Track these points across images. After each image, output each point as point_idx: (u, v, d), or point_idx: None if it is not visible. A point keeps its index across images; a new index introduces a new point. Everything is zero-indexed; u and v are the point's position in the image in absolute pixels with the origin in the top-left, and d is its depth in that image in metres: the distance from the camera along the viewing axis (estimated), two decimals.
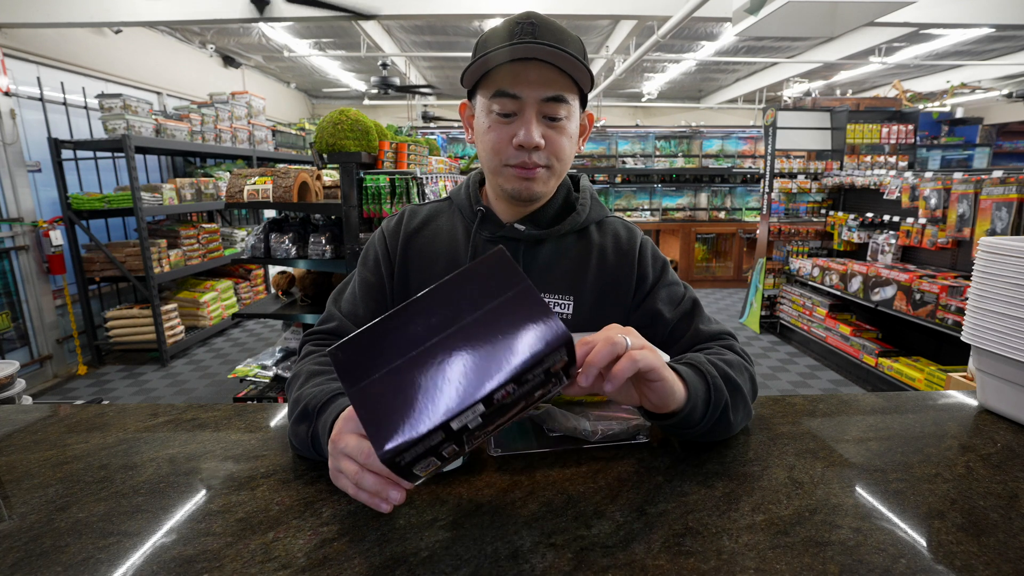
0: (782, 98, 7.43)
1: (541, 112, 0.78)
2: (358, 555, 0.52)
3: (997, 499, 0.60)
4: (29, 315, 3.92)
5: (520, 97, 0.77)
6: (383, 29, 6.23)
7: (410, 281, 0.90)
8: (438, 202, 0.98)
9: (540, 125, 0.78)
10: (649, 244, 0.94)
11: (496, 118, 0.79)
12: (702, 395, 0.66)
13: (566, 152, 0.81)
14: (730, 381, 0.70)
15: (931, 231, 3.37)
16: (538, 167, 0.80)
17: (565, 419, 0.72)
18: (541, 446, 0.71)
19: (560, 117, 0.78)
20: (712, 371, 0.69)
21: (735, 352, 0.79)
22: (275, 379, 2.92)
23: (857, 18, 3.34)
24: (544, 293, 0.88)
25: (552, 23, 0.78)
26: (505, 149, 0.80)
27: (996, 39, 6.36)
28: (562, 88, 0.77)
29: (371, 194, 2.51)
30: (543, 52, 0.74)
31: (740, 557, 0.51)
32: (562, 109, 0.78)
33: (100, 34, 4.76)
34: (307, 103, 10.26)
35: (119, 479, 0.66)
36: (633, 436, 0.72)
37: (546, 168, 0.81)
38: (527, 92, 0.76)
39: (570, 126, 0.81)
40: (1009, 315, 0.76)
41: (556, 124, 0.79)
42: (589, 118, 0.89)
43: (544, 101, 0.77)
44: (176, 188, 4.36)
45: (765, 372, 3.95)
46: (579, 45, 0.80)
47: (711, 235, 7.14)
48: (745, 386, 0.73)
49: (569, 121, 0.80)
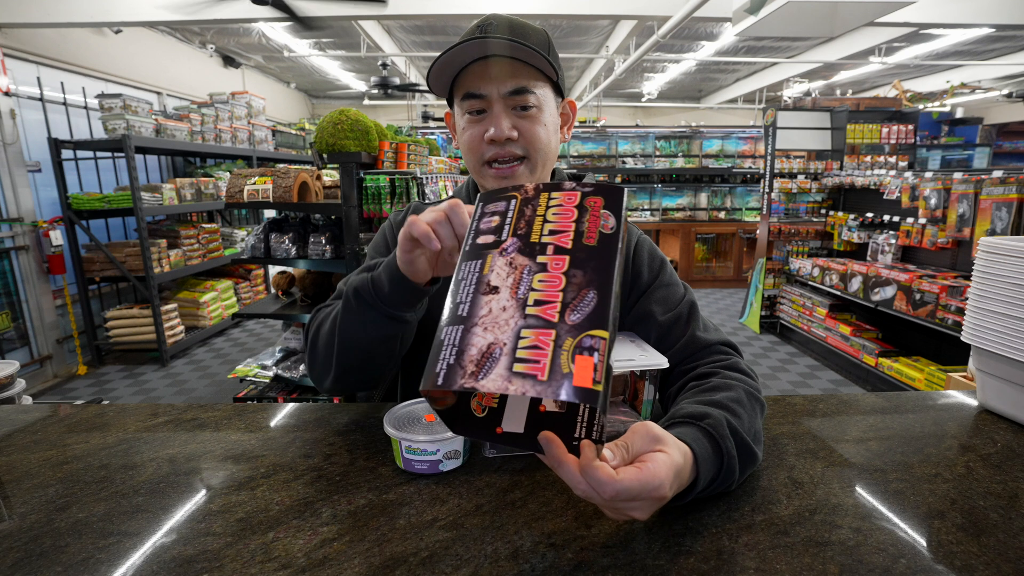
0: (782, 98, 7.42)
1: (509, 105, 0.80)
2: (358, 555, 0.51)
3: (997, 499, 0.60)
4: (29, 315, 3.92)
5: (485, 95, 0.79)
6: (383, 29, 6.23)
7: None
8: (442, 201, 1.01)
9: (510, 117, 0.80)
10: (646, 243, 0.94)
11: (469, 118, 0.82)
12: (710, 475, 0.57)
13: (541, 140, 0.82)
14: (745, 448, 0.60)
15: (931, 231, 3.37)
16: (515, 161, 0.82)
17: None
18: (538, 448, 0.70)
19: (530, 106, 0.80)
20: (730, 447, 0.58)
21: (741, 371, 0.73)
22: (275, 379, 2.92)
23: (857, 18, 3.34)
24: None
25: (513, 20, 0.80)
26: (479, 146, 0.81)
27: (996, 39, 6.36)
28: (525, 79, 0.79)
29: (371, 194, 2.51)
30: (498, 47, 0.76)
31: (740, 557, 0.51)
32: (530, 98, 0.80)
33: (100, 34, 4.76)
34: (307, 103, 10.26)
35: (119, 479, 0.66)
36: None
37: (523, 160, 0.82)
38: (490, 88, 0.79)
39: (543, 115, 0.82)
40: (1009, 315, 0.76)
41: (527, 113, 0.80)
42: (571, 106, 0.90)
43: (509, 95, 0.79)
44: (176, 188, 4.36)
45: (765, 372, 3.95)
46: (541, 37, 0.81)
47: (711, 235, 7.14)
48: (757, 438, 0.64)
49: (541, 111, 0.81)
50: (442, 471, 0.65)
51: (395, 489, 0.62)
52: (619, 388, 0.78)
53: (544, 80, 0.82)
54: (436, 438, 0.63)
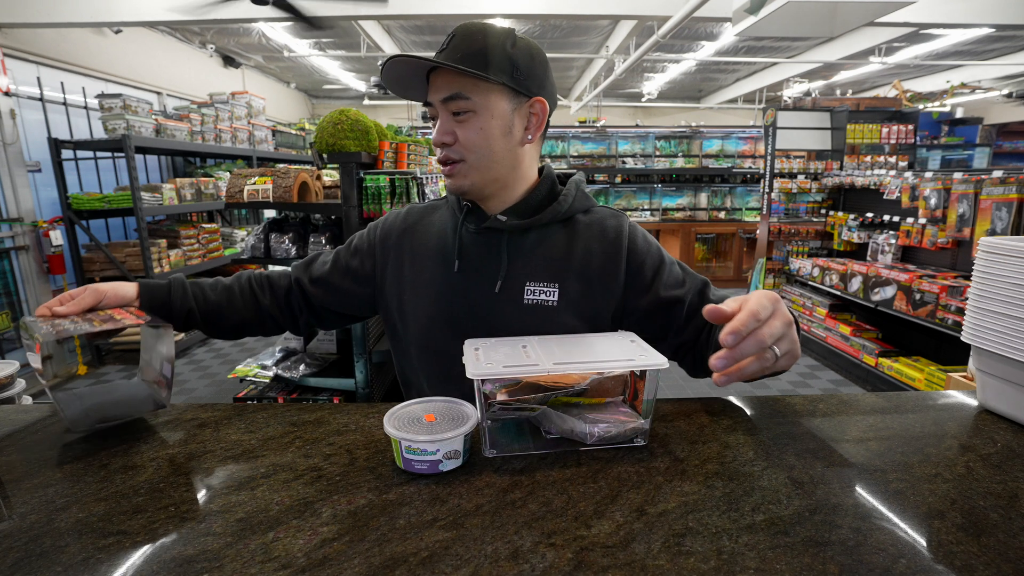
0: (782, 98, 7.42)
1: (449, 110, 0.85)
2: (358, 555, 0.51)
3: (997, 499, 0.60)
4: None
5: (432, 103, 0.87)
6: (383, 29, 6.23)
7: (404, 272, 0.97)
8: (437, 200, 1.06)
9: (448, 122, 0.86)
10: (639, 232, 0.96)
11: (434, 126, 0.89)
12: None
13: (477, 145, 0.86)
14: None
15: (931, 231, 3.37)
16: (453, 162, 0.87)
17: (562, 421, 0.71)
18: (537, 448, 0.70)
19: (463, 111, 0.85)
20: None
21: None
22: (275, 379, 2.92)
23: (857, 18, 3.34)
24: (528, 281, 0.91)
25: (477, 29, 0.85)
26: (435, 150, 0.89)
27: (996, 39, 6.36)
28: (459, 87, 0.84)
29: (371, 194, 2.51)
30: (431, 62, 0.83)
31: (740, 557, 0.51)
32: (463, 104, 0.84)
33: (100, 34, 4.76)
34: (307, 103, 10.26)
35: (119, 479, 0.66)
36: (630, 439, 0.71)
37: (460, 162, 0.87)
38: (433, 96, 0.86)
39: (480, 119, 0.85)
40: (1009, 315, 0.76)
41: (458, 119, 0.85)
42: (540, 104, 0.90)
43: (444, 101, 0.85)
44: (176, 188, 4.36)
45: None
46: (498, 44, 0.84)
47: (711, 235, 7.14)
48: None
49: (478, 115, 0.85)
50: (442, 471, 0.65)
51: (395, 489, 0.62)
52: (619, 388, 0.77)
53: (489, 85, 0.84)
54: (436, 438, 0.63)
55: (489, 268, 0.92)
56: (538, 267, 0.91)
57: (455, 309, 0.92)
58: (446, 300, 0.92)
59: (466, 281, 0.92)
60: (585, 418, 0.71)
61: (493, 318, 0.90)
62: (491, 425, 0.70)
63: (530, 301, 0.90)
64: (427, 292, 0.94)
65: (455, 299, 0.92)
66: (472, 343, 0.75)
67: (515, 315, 0.90)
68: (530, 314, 0.90)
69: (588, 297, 0.91)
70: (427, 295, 0.94)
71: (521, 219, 0.91)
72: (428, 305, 0.93)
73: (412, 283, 0.95)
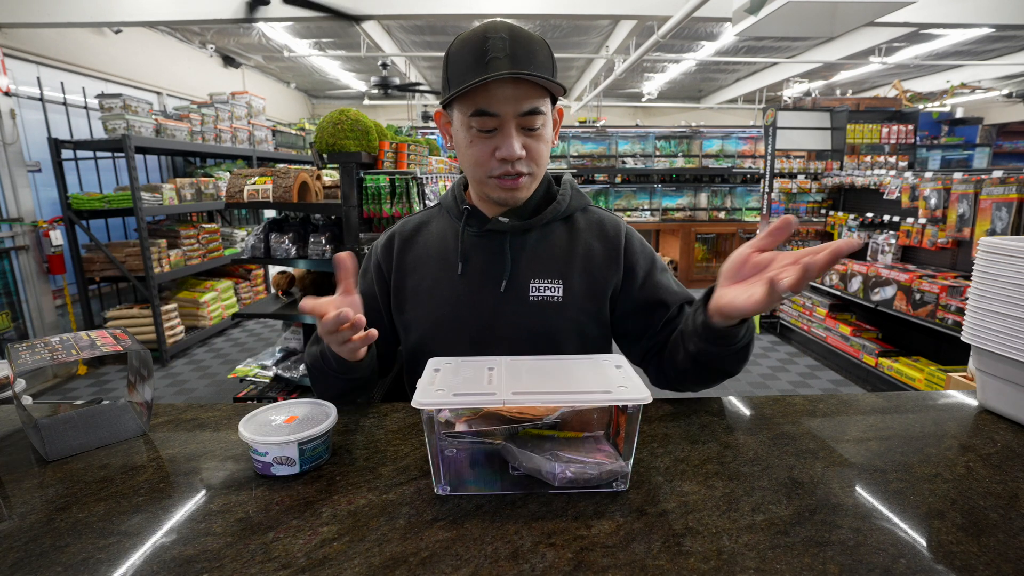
0: (782, 98, 7.42)
1: (519, 125, 0.81)
2: (358, 555, 0.52)
3: (997, 499, 0.60)
4: (29, 315, 3.92)
5: (499, 115, 0.79)
6: (383, 29, 6.23)
7: (406, 284, 0.96)
8: (427, 210, 1.04)
9: (520, 137, 0.81)
10: (635, 235, 0.99)
11: (476, 134, 0.82)
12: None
13: (544, 157, 0.86)
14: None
15: (931, 231, 3.37)
16: (521, 175, 0.84)
17: (526, 458, 0.61)
18: (500, 487, 0.62)
19: (537, 127, 0.82)
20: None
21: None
22: (275, 379, 2.92)
23: (857, 18, 3.34)
24: (533, 279, 0.92)
25: (522, 34, 0.80)
26: (488, 162, 0.83)
27: (996, 39, 6.36)
28: (537, 100, 0.81)
29: (371, 194, 2.51)
30: (521, 75, 0.78)
31: (740, 557, 0.51)
32: (538, 120, 0.82)
33: (100, 34, 4.76)
34: (307, 103, 10.26)
35: (119, 479, 0.66)
36: (608, 483, 0.61)
37: (529, 175, 0.85)
38: (504, 108, 0.79)
39: (546, 132, 0.85)
40: (1009, 315, 0.76)
41: (534, 134, 0.83)
42: (559, 112, 0.92)
43: (521, 116, 0.80)
44: (176, 188, 4.36)
45: (765, 372, 3.95)
46: (546, 50, 0.82)
47: (711, 235, 7.14)
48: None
49: (545, 128, 0.84)
50: (275, 475, 0.65)
51: (395, 489, 0.62)
52: (603, 420, 0.66)
53: (549, 97, 0.84)
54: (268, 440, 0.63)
55: (493, 269, 0.92)
56: (542, 265, 0.92)
57: (460, 311, 0.92)
58: (450, 303, 0.92)
59: (470, 283, 0.92)
60: (556, 456, 0.61)
61: (499, 317, 0.91)
62: (449, 456, 0.62)
63: (536, 298, 0.91)
64: (430, 298, 0.94)
65: (460, 301, 0.92)
66: (434, 363, 0.69)
67: (521, 313, 0.91)
68: (536, 311, 0.90)
69: (591, 292, 0.93)
70: (431, 301, 0.94)
71: (522, 220, 0.92)
72: (432, 310, 0.93)
73: (414, 292, 0.95)
